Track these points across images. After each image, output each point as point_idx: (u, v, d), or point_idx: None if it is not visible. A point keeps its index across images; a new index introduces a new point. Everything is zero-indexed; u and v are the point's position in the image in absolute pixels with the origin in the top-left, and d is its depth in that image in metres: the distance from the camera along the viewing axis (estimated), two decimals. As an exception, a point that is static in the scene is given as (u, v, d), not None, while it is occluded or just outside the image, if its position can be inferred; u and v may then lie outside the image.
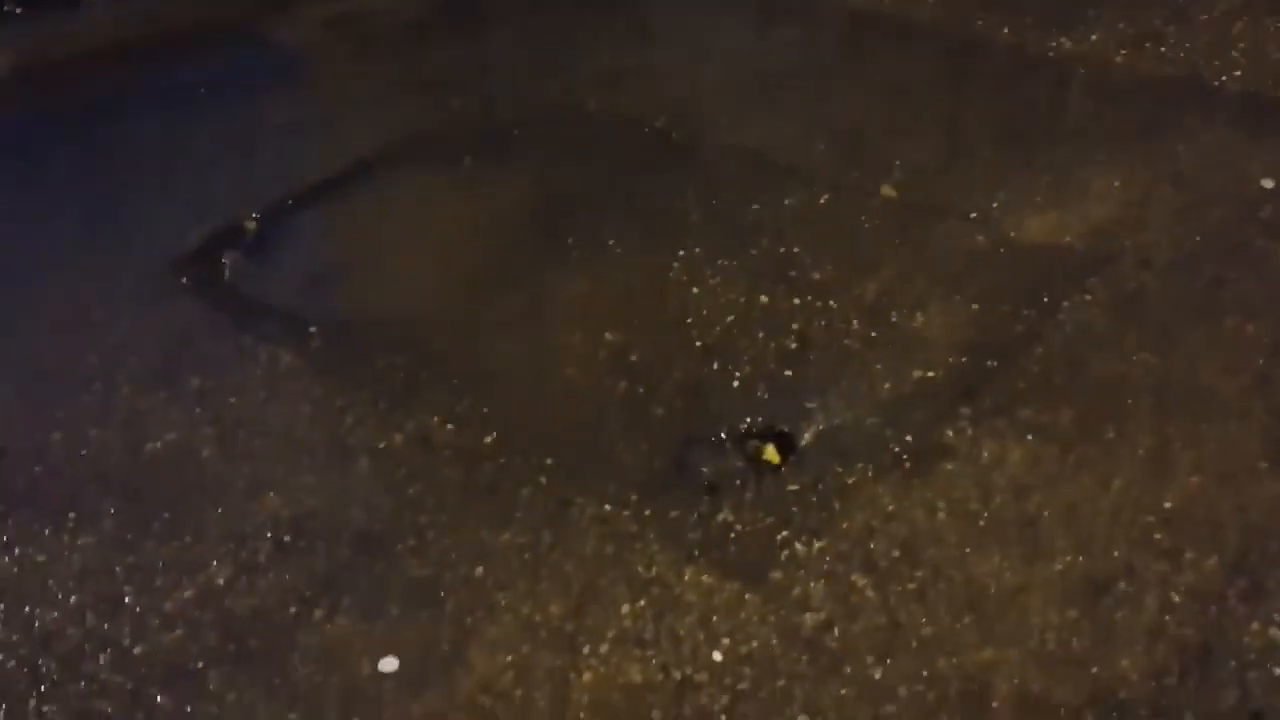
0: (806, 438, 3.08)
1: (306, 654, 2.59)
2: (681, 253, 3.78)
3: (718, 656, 2.51)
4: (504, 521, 2.88)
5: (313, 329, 3.58)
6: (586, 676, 2.50)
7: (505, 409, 3.25)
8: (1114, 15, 4.99)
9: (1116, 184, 3.95)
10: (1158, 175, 3.98)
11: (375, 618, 2.67)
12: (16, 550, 2.90)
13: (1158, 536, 2.73)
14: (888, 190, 4.02)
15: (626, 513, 2.88)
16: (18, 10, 5.62)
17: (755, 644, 2.54)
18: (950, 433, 3.05)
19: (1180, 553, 2.69)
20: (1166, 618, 2.54)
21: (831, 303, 3.52)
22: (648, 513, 2.89)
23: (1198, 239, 3.66)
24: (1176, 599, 2.58)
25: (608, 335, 3.48)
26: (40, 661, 2.61)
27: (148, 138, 4.75)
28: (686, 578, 2.70)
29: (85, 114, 4.96)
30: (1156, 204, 3.84)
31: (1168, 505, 2.81)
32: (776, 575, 2.69)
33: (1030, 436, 3.02)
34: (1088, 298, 3.47)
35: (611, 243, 3.87)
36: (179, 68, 5.31)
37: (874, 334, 3.40)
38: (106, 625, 2.69)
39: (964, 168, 4.12)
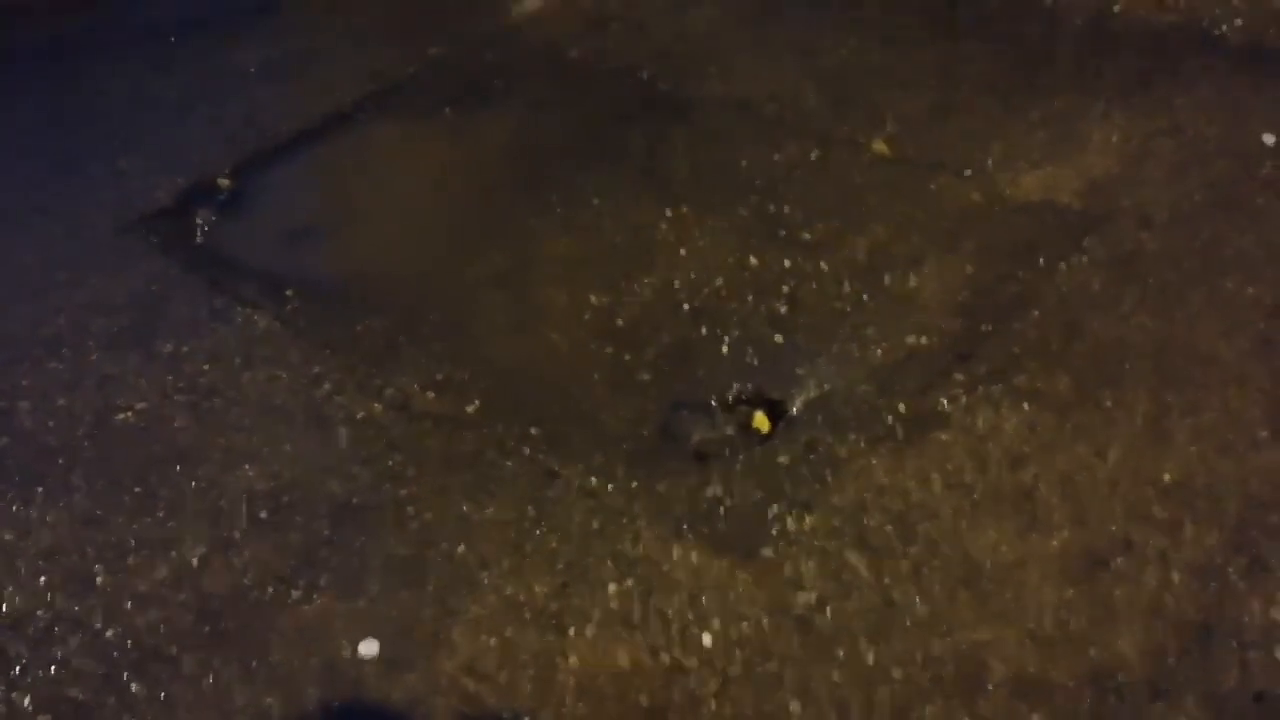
0: (797, 405, 3.00)
1: (284, 636, 2.52)
2: (669, 211, 3.67)
3: (707, 639, 2.45)
4: (487, 495, 2.81)
5: (289, 290, 3.47)
6: (573, 659, 2.44)
7: (487, 375, 3.16)
8: (1111, -41, 4.85)
9: (1114, 138, 3.84)
10: (1156, 129, 3.87)
11: (354, 597, 2.59)
12: (-17, 526, 2.82)
13: (1156, 509, 2.66)
14: (879, 145, 3.90)
15: (612, 486, 2.81)
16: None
17: (746, 625, 2.47)
18: (944, 400, 2.97)
19: (1179, 526, 2.62)
20: (1165, 595, 2.48)
21: (823, 264, 3.43)
22: (634, 485, 2.81)
23: (1197, 197, 3.56)
24: (1176, 576, 2.51)
25: (592, 297, 3.38)
26: (8, 645, 2.53)
27: (116, 84, 4.61)
28: (675, 555, 2.63)
29: (49, 58, 4.80)
30: (1155, 159, 3.74)
31: (1166, 477, 2.74)
32: (767, 552, 2.62)
33: (1026, 404, 2.94)
34: (1084, 258, 3.38)
35: (596, 200, 3.76)
36: (148, 10, 5.14)
37: (866, 297, 3.31)
38: (77, 607, 2.61)
39: (958, 121, 4.00)
